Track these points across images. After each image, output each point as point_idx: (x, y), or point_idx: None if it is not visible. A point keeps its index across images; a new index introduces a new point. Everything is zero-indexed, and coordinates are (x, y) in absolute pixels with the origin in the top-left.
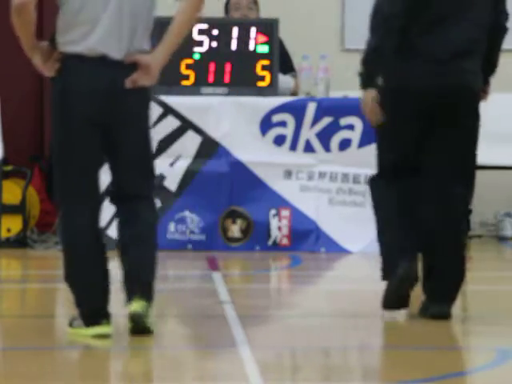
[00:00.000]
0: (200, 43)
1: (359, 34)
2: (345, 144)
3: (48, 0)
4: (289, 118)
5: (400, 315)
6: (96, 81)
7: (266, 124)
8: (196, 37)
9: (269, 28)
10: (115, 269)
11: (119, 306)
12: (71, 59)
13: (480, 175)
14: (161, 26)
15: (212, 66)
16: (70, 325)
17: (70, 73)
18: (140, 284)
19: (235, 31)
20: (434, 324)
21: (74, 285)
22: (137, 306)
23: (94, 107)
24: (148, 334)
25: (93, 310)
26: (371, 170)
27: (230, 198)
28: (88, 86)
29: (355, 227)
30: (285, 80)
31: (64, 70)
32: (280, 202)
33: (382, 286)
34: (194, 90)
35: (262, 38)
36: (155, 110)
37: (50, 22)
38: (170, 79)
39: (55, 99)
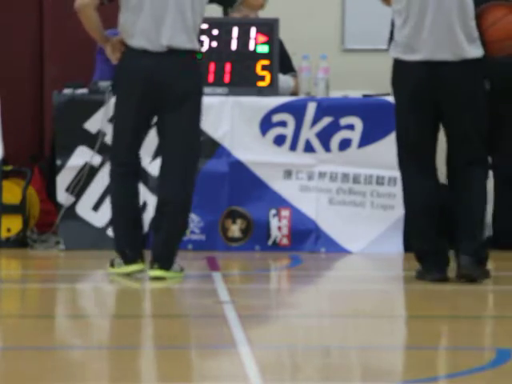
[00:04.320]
0: (200, 43)
1: (359, 34)
2: (345, 144)
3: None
4: (289, 118)
5: (399, 315)
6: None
7: (266, 124)
8: None
9: (269, 28)
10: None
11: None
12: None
13: None
14: None
15: (212, 66)
16: (112, 265)
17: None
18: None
19: (235, 31)
20: (434, 324)
21: (117, 231)
22: (156, 273)
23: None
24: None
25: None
26: (371, 169)
27: (230, 198)
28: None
29: (355, 227)
30: (285, 80)
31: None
32: (280, 202)
33: (382, 285)
34: None
35: (262, 38)
36: None
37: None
38: None
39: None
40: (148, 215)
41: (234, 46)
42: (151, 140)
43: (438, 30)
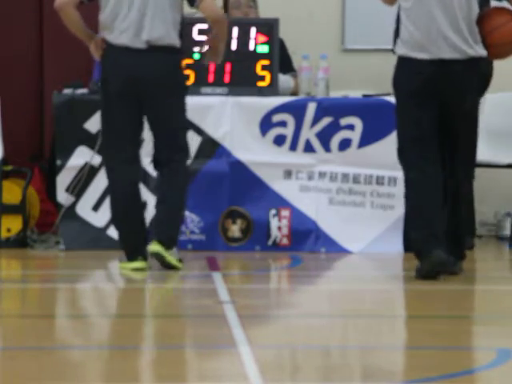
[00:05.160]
0: (200, 43)
1: (359, 34)
2: (345, 144)
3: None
4: (289, 118)
5: (399, 315)
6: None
7: (266, 124)
8: (196, 37)
9: (269, 28)
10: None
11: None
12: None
13: (480, 174)
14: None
15: (212, 66)
16: (120, 261)
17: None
18: (164, 235)
19: (235, 31)
20: (434, 324)
21: (118, 230)
22: (154, 247)
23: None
24: (176, 269)
25: (131, 249)
26: (371, 169)
27: (230, 198)
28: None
29: (355, 227)
30: (285, 80)
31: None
32: (280, 202)
33: (382, 285)
34: (194, 90)
35: (262, 38)
36: None
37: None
38: None
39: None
40: (148, 215)
41: (234, 45)
42: (151, 140)
43: (447, 28)
